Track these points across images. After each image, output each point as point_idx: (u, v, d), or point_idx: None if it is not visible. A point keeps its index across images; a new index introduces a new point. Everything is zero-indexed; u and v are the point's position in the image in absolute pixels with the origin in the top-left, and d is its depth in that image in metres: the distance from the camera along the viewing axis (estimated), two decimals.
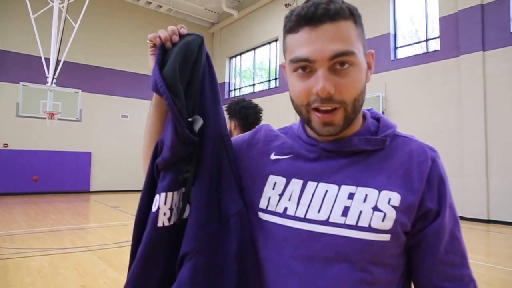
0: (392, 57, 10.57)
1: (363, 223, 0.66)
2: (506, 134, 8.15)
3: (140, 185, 0.94)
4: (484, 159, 8.41)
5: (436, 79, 9.37)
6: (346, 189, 0.68)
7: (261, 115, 2.84)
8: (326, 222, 0.67)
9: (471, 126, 8.64)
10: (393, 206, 0.66)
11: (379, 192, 0.67)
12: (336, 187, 0.69)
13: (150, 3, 16.54)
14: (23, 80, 10.56)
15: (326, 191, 0.69)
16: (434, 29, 9.85)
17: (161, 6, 16.82)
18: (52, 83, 9.92)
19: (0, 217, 8.36)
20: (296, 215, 0.69)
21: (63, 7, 10.00)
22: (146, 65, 16.47)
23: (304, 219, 0.69)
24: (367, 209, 0.66)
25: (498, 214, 8.17)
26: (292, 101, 0.73)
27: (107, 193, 14.61)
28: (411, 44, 10.47)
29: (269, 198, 0.73)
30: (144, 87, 16.42)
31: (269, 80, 15.51)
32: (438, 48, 9.53)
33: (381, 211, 0.66)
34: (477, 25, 8.67)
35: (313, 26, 0.66)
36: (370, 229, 0.65)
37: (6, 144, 13.09)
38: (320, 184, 0.70)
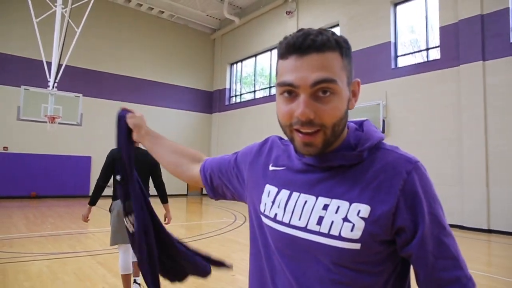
0: (393, 66, 10.62)
1: (334, 232, 0.72)
2: (506, 143, 8.17)
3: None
4: (484, 168, 8.41)
5: (436, 88, 9.42)
6: (322, 200, 0.75)
7: None
8: (305, 229, 0.75)
9: (471, 135, 8.66)
10: (362, 218, 0.71)
11: (350, 205, 0.73)
12: (314, 198, 0.77)
13: (152, 9, 16.64)
14: (24, 83, 10.59)
15: (305, 201, 0.77)
16: (435, 38, 9.92)
17: (163, 12, 16.92)
18: (53, 87, 9.94)
19: (1, 221, 8.32)
20: (283, 220, 0.79)
21: (65, 11, 10.07)
22: (146, 70, 16.56)
23: (289, 225, 0.78)
24: (338, 220, 0.73)
25: (499, 224, 8.16)
26: (279, 120, 0.79)
27: (106, 198, 14.52)
28: (411, 53, 10.54)
29: (265, 204, 0.84)
30: (144, 92, 16.47)
31: (270, 87, 15.56)
32: (438, 57, 9.59)
33: (350, 221, 0.72)
34: (477, 35, 8.74)
35: (300, 55, 0.71)
36: (340, 237, 0.72)
37: (6, 147, 13.08)
38: (302, 194, 0.79)
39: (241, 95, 17.45)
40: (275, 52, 15.35)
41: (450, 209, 8.85)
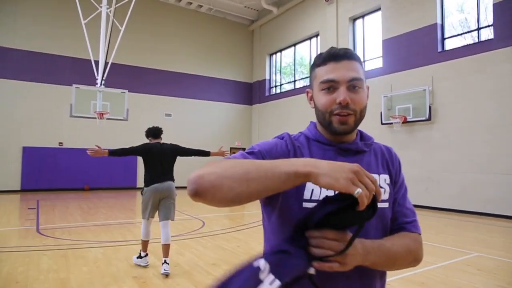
0: (440, 49, 10.07)
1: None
2: None
3: (183, 182, 0.99)
4: None
5: (488, 70, 8.83)
6: None
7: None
8: None
9: None
10: (387, 184, 1.05)
11: (379, 175, 1.04)
12: None
13: (191, 3, 16.91)
14: (75, 82, 11.21)
15: None
16: (487, 17, 9.27)
17: (201, 6, 17.15)
18: (101, 84, 10.45)
19: (58, 211, 8.96)
20: None
21: (110, 11, 10.49)
22: (187, 64, 16.91)
23: None
24: None
25: None
26: (318, 110, 1.03)
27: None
28: (460, 34, 9.93)
29: (312, 190, 0.95)
30: (186, 86, 16.85)
31: (310, 76, 15.33)
32: (491, 36, 8.96)
33: (382, 187, 1.02)
34: None
35: (337, 61, 0.99)
36: (381, 201, 0.95)
37: (62, 143, 13.99)
38: None
39: (281, 85, 17.37)
40: (314, 41, 15.10)
41: (502, 199, 8.34)
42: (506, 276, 4.23)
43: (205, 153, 4.87)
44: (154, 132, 4.96)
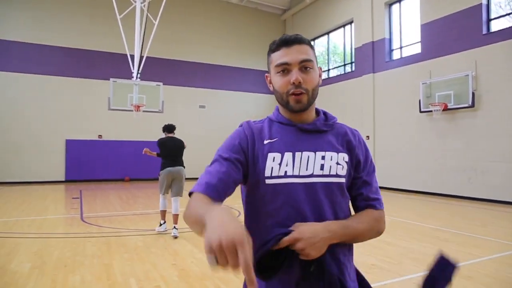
0: (484, 31, 9.49)
1: (333, 172, 1.09)
2: None
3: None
4: None
5: None
6: (319, 153, 1.10)
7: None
8: (311, 175, 1.07)
9: None
10: (345, 161, 1.13)
11: (338, 154, 1.12)
12: (313, 153, 1.10)
13: None
14: (112, 76, 11.55)
15: (308, 156, 1.09)
16: None
17: None
18: (136, 77, 10.70)
19: (99, 201, 9.33)
20: (293, 174, 1.06)
21: (144, 6, 10.68)
22: (220, 56, 16.98)
23: (299, 176, 1.06)
24: (333, 164, 1.10)
25: None
26: (277, 91, 1.12)
27: (188, 180, 15.48)
28: (508, 14, 9.28)
29: (272, 168, 1.07)
30: (219, 77, 16.95)
31: (344, 65, 14.99)
32: None
33: (340, 164, 1.11)
34: None
35: (288, 46, 1.10)
36: (337, 175, 1.10)
37: (101, 135, 14.53)
38: (303, 152, 1.09)
39: None
40: (348, 28, 14.70)
41: None
42: None
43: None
44: (169, 128, 6.16)
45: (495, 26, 9.47)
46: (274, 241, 0.93)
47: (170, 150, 5.86)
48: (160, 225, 5.83)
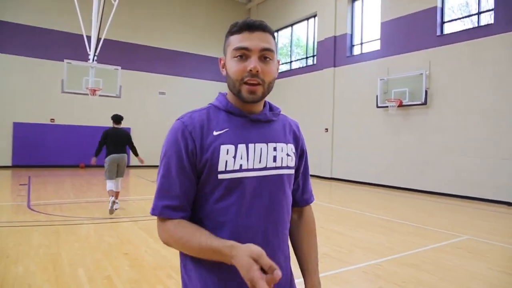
0: (438, 33, 9.95)
1: (284, 164, 1.09)
2: None
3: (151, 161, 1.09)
4: None
5: (488, 55, 8.76)
6: (271, 145, 1.08)
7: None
8: (265, 168, 1.05)
9: None
10: (293, 152, 1.14)
11: (287, 144, 1.12)
12: (265, 144, 1.07)
13: None
14: (67, 57, 10.94)
15: (261, 148, 1.06)
16: (488, 1, 9.14)
17: None
18: (93, 60, 10.21)
19: (51, 188, 8.88)
20: (248, 167, 1.02)
21: None
22: (181, 42, 16.59)
23: (253, 169, 1.03)
24: (284, 156, 1.10)
25: None
26: (230, 77, 1.05)
27: (145, 168, 15.13)
28: (460, 18, 9.79)
29: (226, 161, 1.00)
30: (180, 64, 16.58)
31: (306, 58, 15.17)
32: (492, 21, 8.86)
33: (289, 155, 1.12)
34: None
35: (251, 31, 1.02)
36: (288, 167, 1.10)
37: (53, 119, 13.78)
38: (256, 144, 1.06)
39: None
40: (312, 21, 14.85)
41: (497, 184, 8.43)
42: (496, 259, 4.29)
43: (135, 153, 6.95)
44: (115, 119, 6.65)
45: (448, 28, 9.95)
46: None
47: (113, 140, 6.49)
48: (115, 202, 6.31)
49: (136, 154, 6.93)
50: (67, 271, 3.49)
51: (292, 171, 1.12)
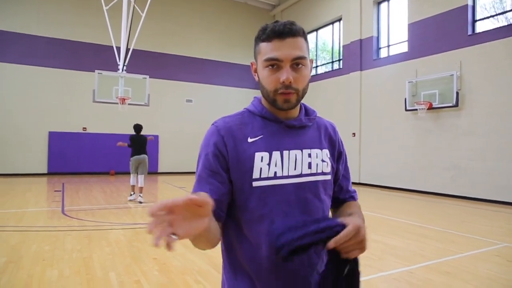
0: (470, 32, 9.61)
1: (319, 170, 1.07)
2: None
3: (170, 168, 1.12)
4: None
5: None
6: (306, 151, 1.07)
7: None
8: (300, 175, 1.04)
9: None
10: (328, 157, 1.12)
11: (321, 150, 1.10)
12: (300, 151, 1.06)
13: None
14: (97, 68, 11.34)
15: (296, 155, 1.05)
16: None
17: None
18: (122, 70, 10.53)
19: (82, 194, 9.19)
20: (283, 174, 1.01)
21: None
22: (208, 50, 16.84)
23: (288, 176, 1.02)
24: (319, 162, 1.08)
25: None
26: (263, 87, 1.03)
27: (173, 174, 15.39)
28: (493, 16, 9.42)
29: (260, 168, 0.99)
30: (207, 72, 16.83)
31: (332, 62, 15.03)
32: None
33: (325, 161, 1.10)
34: None
35: (281, 39, 0.98)
36: (323, 173, 1.08)
37: (85, 128, 14.29)
38: (291, 151, 1.04)
39: None
40: (336, 26, 14.73)
41: None
42: None
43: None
44: (136, 128, 8.47)
45: (480, 27, 9.60)
46: (331, 232, 0.82)
47: (136, 144, 8.22)
48: (131, 195, 8.28)
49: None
50: (99, 275, 3.57)
51: (328, 177, 1.10)
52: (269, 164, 1.00)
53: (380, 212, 7.35)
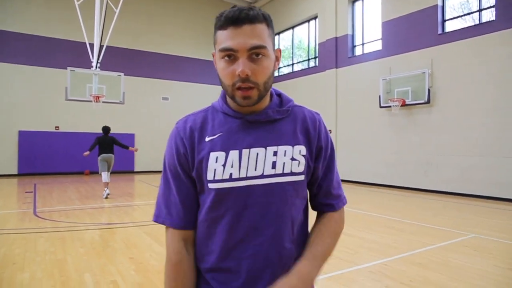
0: (440, 31, 9.92)
1: (287, 170, 0.95)
2: None
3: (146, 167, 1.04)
4: None
5: (490, 52, 8.72)
6: (271, 149, 0.95)
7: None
8: (262, 176, 0.93)
9: None
10: (302, 155, 0.97)
11: (292, 147, 0.97)
12: (263, 149, 0.94)
13: None
14: (70, 65, 11.03)
15: (257, 153, 0.94)
16: None
17: None
18: (96, 67, 10.29)
19: (56, 195, 8.93)
20: (240, 176, 0.92)
21: None
22: (184, 47, 16.67)
23: (246, 178, 0.92)
24: (287, 160, 0.95)
25: None
26: (221, 81, 0.93)
27: (150, 173, 15.19)
28: (461, 16, 9.76)
29: (214, 170, 0.92)
30: (183, 69, 16.66)
31: (308, 59, 15.18)
32: (493, 18, 8.82)
33: (296, 159, 0.96)
34: None
35: (237, 25, 0.86)
36: (292, 173, 0.95)
37: (58, 126, 13.88)
38: (252, 149, 0.94)
39: (279, 68, 17.11)
40: (312, 23, 14.87)
41: (500, 182, 8.36)
42: (502, 256, 4.24)
43: (126, 147, 9.06)
44: (104, 130, 8.82)
45: (450, 26, 9.92)
46: None
47: (103, 143, 8.67)
48: (105, 191, 8.55)
49: (126, 147, 9.05)
50: (73, 276, 3.50)
51: (301, 177, 0.97)
52: (224, 165, 0.92)
53: (357, 208, 7.50)
